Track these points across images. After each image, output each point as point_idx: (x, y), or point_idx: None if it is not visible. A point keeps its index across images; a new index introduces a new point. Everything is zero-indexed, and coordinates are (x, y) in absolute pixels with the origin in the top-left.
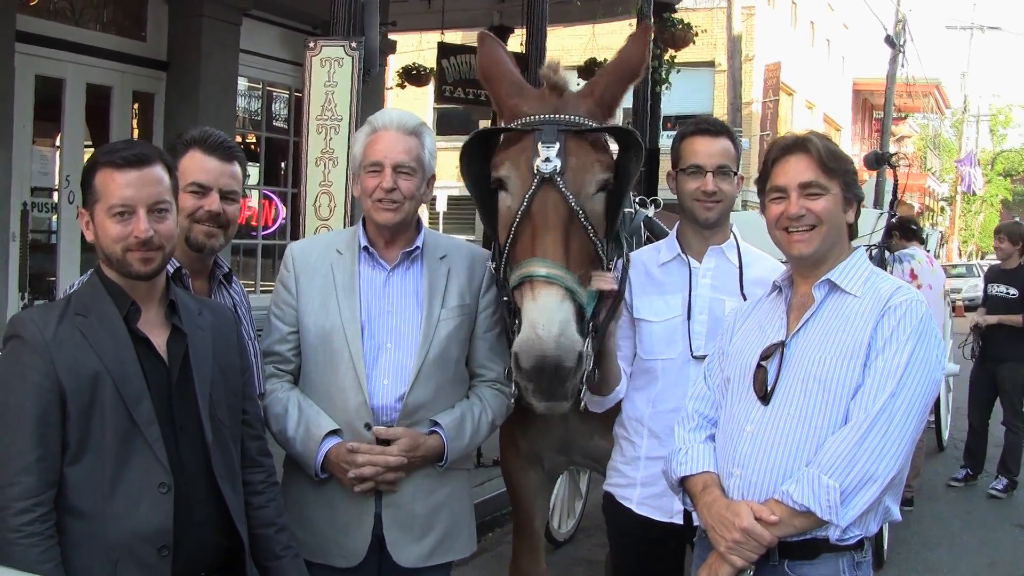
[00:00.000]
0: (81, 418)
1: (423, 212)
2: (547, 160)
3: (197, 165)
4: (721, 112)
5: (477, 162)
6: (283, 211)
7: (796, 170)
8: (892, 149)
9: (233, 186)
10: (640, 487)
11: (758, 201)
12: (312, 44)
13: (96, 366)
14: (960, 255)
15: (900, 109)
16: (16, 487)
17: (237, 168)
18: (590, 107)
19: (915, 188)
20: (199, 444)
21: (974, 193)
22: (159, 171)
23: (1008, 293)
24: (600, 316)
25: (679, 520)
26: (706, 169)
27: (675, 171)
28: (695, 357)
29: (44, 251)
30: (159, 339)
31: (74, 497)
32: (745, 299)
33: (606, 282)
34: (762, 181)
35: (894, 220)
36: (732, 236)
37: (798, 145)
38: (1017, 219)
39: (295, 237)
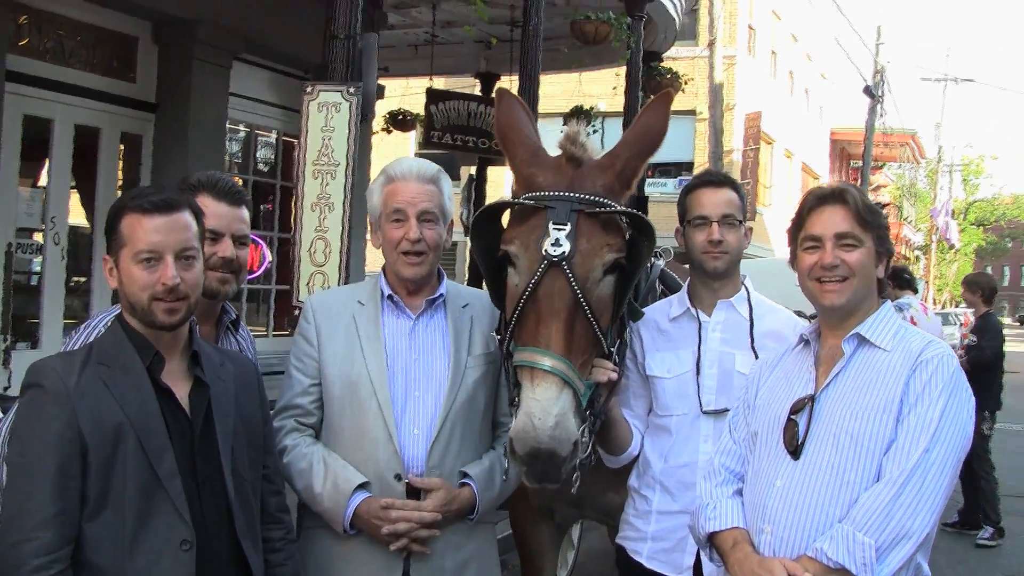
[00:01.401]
0: (102, 471)
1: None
2: (556, 243)
3: (209, 211)
4: (702, 161)
5: (489, 232)
6: (269, 255)
7: (832, 220)
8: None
9: (244, 230)
10: (651, 541)
11: (745, 252)
12: (310, 89)
13: (119, 417)
14: (935, 303)
15: (877, 158)
16: (33, 543)
17: (246, 212)
18: (609, 182)
19: (892, 236)
20: (222, 500)
21: (952, 246)
22: (187, 217)
23: (972, 341)
24: (600, 400)
25: (689, 575)
26: (711, 219)
27: (682, 225)
28: (705, 412)
29: (27, 293)
30: (182, 391)
31: (92, 553)
32: (756, 352)
33: (605, 374)
34: (795, 229)
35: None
36: (744, 288)
37: (835, 195)
38: (988, 268)
39: (283, 281)
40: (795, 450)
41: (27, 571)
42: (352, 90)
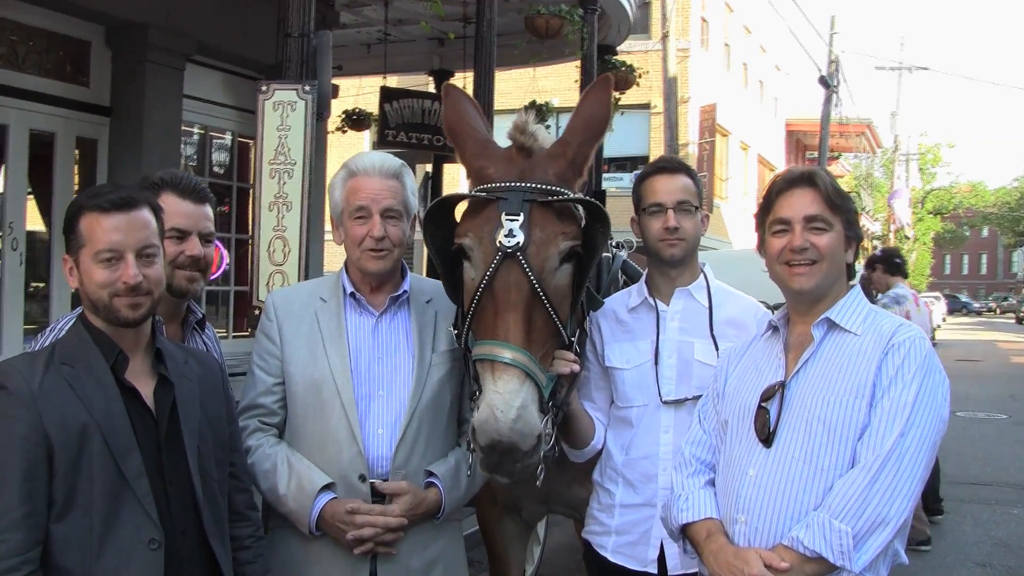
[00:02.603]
0: (68, 472)
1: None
2: (510, 234)
3: (174, 209)
4: (658, 154)
5: (442, 228)
6: (227, 256)
7: (802, 203)
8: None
9: (210, 228)
10: (615, 535)
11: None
12: (265, 87)
13: (84, 418)
14: None
15: (833, 149)
16: (2, 545)
17: (209, 209)
18: (561, 170)
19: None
20: (189, 499)
21: (902, 230)
22: (146, 215)
23: None
24: (562, 392)
25: (653, 569)
26: (666, 206)
27: (638, 214)
28: (665, 402)
29: None
30: (146, 389)
31: (59, 555)
32: (715, 340)
33: (567, 366)
34: (763, 213)
35: (878, 253)
36: (702, 276)
37: (805, 178)
38: (947, 257)
39: (242, 283)
40: (767, 438)
41: None
42: (307, 88)
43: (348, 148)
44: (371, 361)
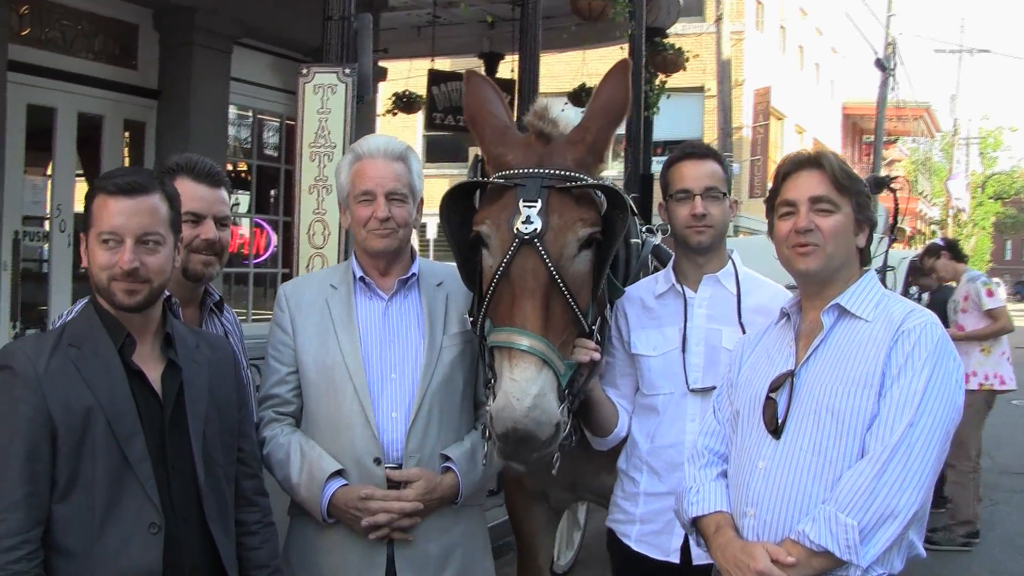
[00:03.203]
0: (71, 454)
1: (413, 240)
2: (527, 220)
3: (189, 193)
4: (711, 137)
5: (458, 213)
6: (275, 239)
7: (808, 184)
8: (883, 173)
9: (225, 212)
10: (639, 524)
11: (750, 228)
12: (305, 70)
13: (89, 401)
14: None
15: (890, 133)
16: (3, 524)
17: (225, 193)
18: (580, 155)
19: (906, 212)
20: (191, 484)
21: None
22: (155, 201)
23: None
24: (581, 379)
25: (676, 559)
26: (694, 192)
27: (665, 200)
28: (692, 390)
29: (35, 280)
30: (154, 373)
31: (62, 536)
32: (743, 328)
33: (586, 354)
34: (771, 198)
35: (940, 241)
36: (730, 263)
37: (811, 160)
38: (1007, 243)
39: (288, 265)
40: (776, 430)
41: None
42: (347, 71)
43: (401, 131)
44: (382, 345)
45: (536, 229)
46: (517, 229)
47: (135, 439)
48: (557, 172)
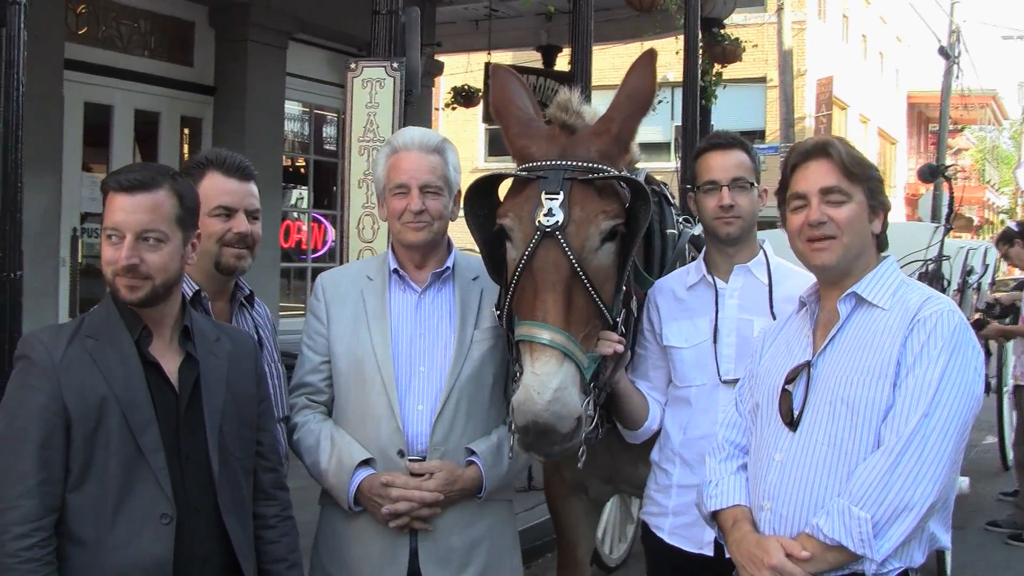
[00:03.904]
0: (85, 443)
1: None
2: (549, 213)
3: (220, 187)
4: (774, 128)
5: (484, 207)
6: (332, 234)
7: (817, 175)
8: (949, 162)
9: (256, 205)
10: (672, 516)
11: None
12: (353, 65)
13: (104, 391)
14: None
15: (956, 121)
16: (16, 511)
17: (255, 187)
18: (604, 146)
19: (974, 201)
20: (205, 476)
21: None
22: (159, 198)
23: None
24: (606, 372)
25: (709, 552)
26: (721, 183)
27: (693, 191)
28: (724, 382)
29: (94, 276)
30: (171, 365)
31: (75, 524)
32: (775, 318)
33: (609, 346)
34: (782, 190)
35: (1014, 227)
36: (761, 252)
37: (819, 150)
38: None
39: (344, 260)
40: (792, 422)
41: (9, 538)
42: (395, 65)
43: (463, 125)
44: (412, 337)
45: (558, 221)
46: (539, 221)
47: (149, 429)
48: (579, 164)
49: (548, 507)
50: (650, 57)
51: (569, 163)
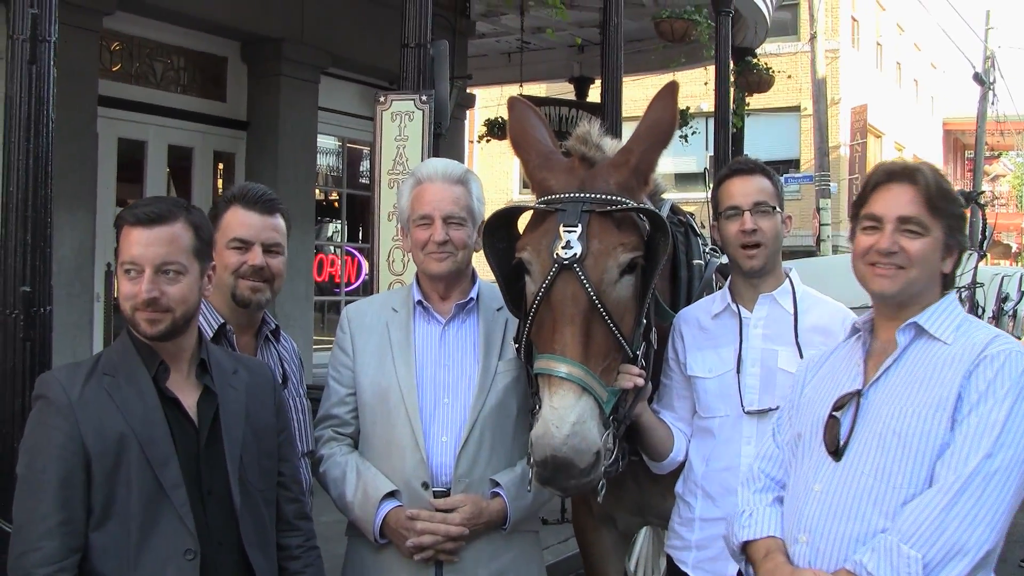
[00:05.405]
0: (106, 481)
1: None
2: (567, 245)
3: (238, 220)
4: (808, 157)
5: (502, 240)
6: (366, 267)
7: (898, 201)
8: (985, 187)
9: (276, 239)
10: (695, 550)
11: (848, 248)
12: (383, 98)
13: (122, 428)
14: None
15: (993, 147)
16: (38, 552)
17: (280, 220)
18: (623, 178)
19: (1012, 228)
20: (228, 509)
21: None
22: (176, 230)
23: None
24: (627, 404)
25: None
26: (742, 208)
27: (716, 220)
28: (747, 412)
29: None
30: (189, 399)
31: (99, 563)
32: (800, 348)
33: (630, 379)
34: (857, 206)
35: None
36: (787, 281)
37: (906, 173)
38: None
39: (374, 293)
40: (836, 451)
41: None
42: (424, 98)
43: (499, 157)
44: (436, 369)
45: (576, 254)
46: (557, 254)
47: (169, 465)
48: (598, 196)
49: (576, 540)
50: (672, 89)
51: (588, 195)
